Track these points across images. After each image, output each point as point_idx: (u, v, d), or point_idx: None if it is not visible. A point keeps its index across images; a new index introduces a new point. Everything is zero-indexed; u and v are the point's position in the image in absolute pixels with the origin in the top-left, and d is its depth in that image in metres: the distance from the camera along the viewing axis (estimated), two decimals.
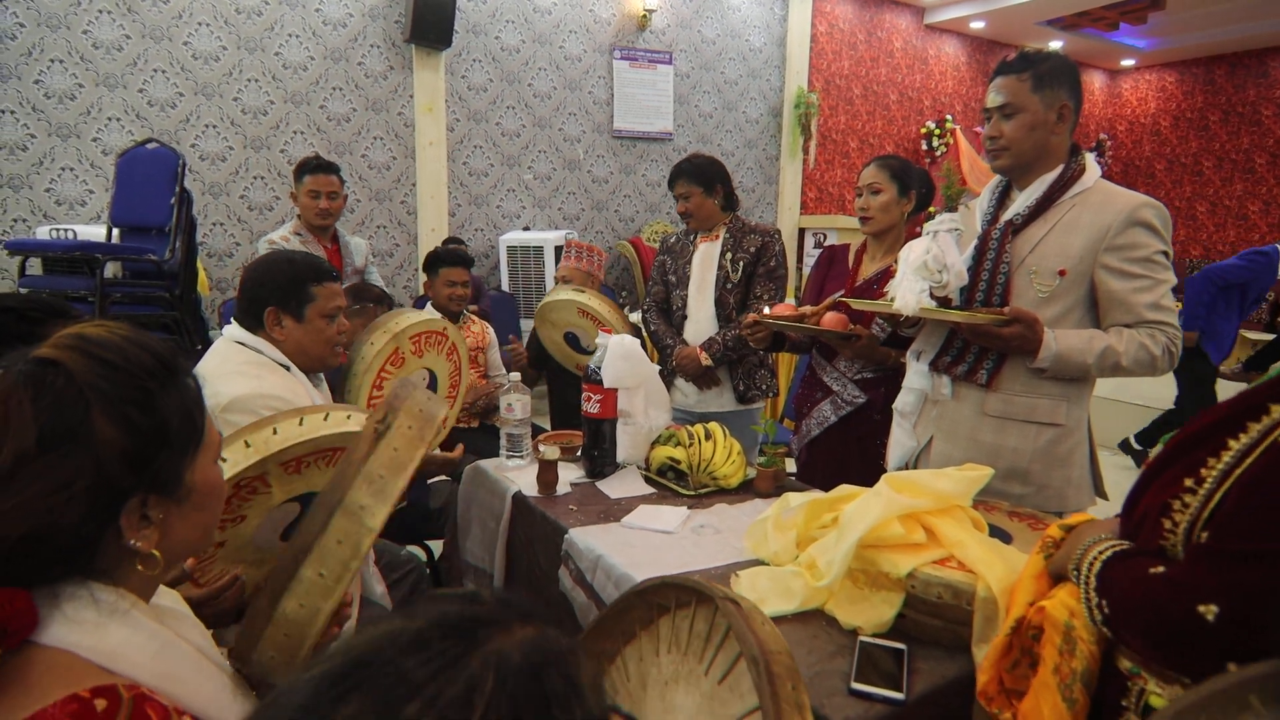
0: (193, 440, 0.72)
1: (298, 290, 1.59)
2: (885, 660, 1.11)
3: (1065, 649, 0.93)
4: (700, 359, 2.44)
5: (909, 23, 7.48)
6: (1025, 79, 1.56)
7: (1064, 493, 1.60)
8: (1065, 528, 1.07)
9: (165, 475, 0.69)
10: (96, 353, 0.67)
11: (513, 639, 0.39)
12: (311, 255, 1.71)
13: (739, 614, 0.83)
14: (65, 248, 3.27)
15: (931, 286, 1.57)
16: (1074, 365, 1.51)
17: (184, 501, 0.72)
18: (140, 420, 0.67)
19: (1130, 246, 1.50)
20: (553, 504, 1.74)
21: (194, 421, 0.72)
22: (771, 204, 6.91)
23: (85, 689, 0.59)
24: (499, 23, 5.34)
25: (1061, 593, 0.98)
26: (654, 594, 0.96)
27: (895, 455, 1.80)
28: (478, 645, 0.38)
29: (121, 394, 0.66)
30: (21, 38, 3.99)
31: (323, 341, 1.64)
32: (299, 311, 1.60)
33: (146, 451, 0.67)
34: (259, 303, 1.58)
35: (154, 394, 0.69)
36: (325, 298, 1.62)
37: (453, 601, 0.42)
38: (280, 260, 1.64)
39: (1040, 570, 1.05)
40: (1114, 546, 0.92)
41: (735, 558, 1.46)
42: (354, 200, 4.98)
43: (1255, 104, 8.51)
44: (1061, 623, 0.95)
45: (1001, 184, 1.71)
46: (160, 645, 0.68)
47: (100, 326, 0.71)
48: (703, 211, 2.48)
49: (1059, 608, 0.96)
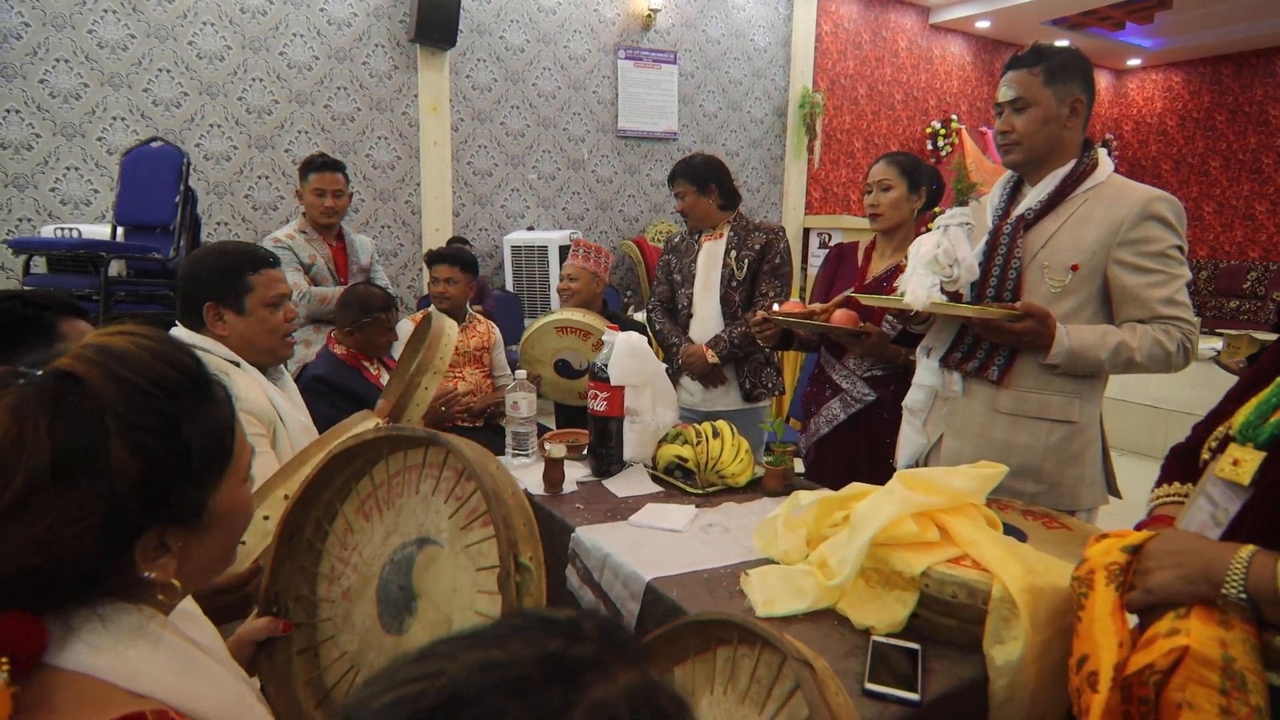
0: (218, 466, 0.67)
1: (234, 281, 1.51)
2: (899, 660, 1.09)
3: (1230, 686, 0.80)
4: (707, 357, 2.43)
5: (914, 22, 7.46)
6: (1037, 73, 1.54)
7: (1076, 491, 1.58)
8: (1128, 549, 0.95)
9: (185, 506, 0.65)
10: (119, 371, 0.61)
11: (616, 687, 0.37)
12: (246, 243, 1.62)
13: (813, 681, 0.79)
14: (70, 246, 3.27)
15: (942, 281, 1.56)
16: (1087, 361, 1.49)
17: (206, 530, 0.67)
18: (160, 449, 0.62)
19: (1144, 241, 1.48)
20: (559, 503, 1.72)
21: (222, 445, 0.67)
22: (776, 204, 6.89)
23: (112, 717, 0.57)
24: (503, 22, 5.33)
25: (1193, 624, 0.85)
26: (715, 628, 0.93)
27: (905, 453, 1.78)
28: (583, 692, 0.36)
29: (143, 420, 0.61)
30: (27, 37, 3.99)
31: (268, 332, 1.55)
32: (238, 304, 1.52)
33: (166, 483, 0.62)
34: (195, 299, 1.51)
35: (178, 419, 0.63)
36: (264, 286, 1.54)
37: (554, 634, 0.39)
38: (212, 252, 1.56)
39: (1114, 605, 0.91)
40: None
41: (745, 556, 1.44)
42: (358, 200, 4.98)
43: (1262, 104, 8.47)
44: (1217, 659, 0.81)
45: (1013, 179, 1.70)
46: (183, 662, 0.65)
47: (126, 337, 0.65)
48: (697, 210, 2.50)
49: (1206, 642, 0.82)
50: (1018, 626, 1.06)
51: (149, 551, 0.63)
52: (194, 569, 0.69)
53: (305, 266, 2.78)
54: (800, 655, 0.82)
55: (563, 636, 0.39)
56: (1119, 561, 0.93)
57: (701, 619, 0.94)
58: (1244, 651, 0.81)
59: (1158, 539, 0.94)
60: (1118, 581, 0.92)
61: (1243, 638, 0.82)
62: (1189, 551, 0.88)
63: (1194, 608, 0.86)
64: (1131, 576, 0.94)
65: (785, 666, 0.86)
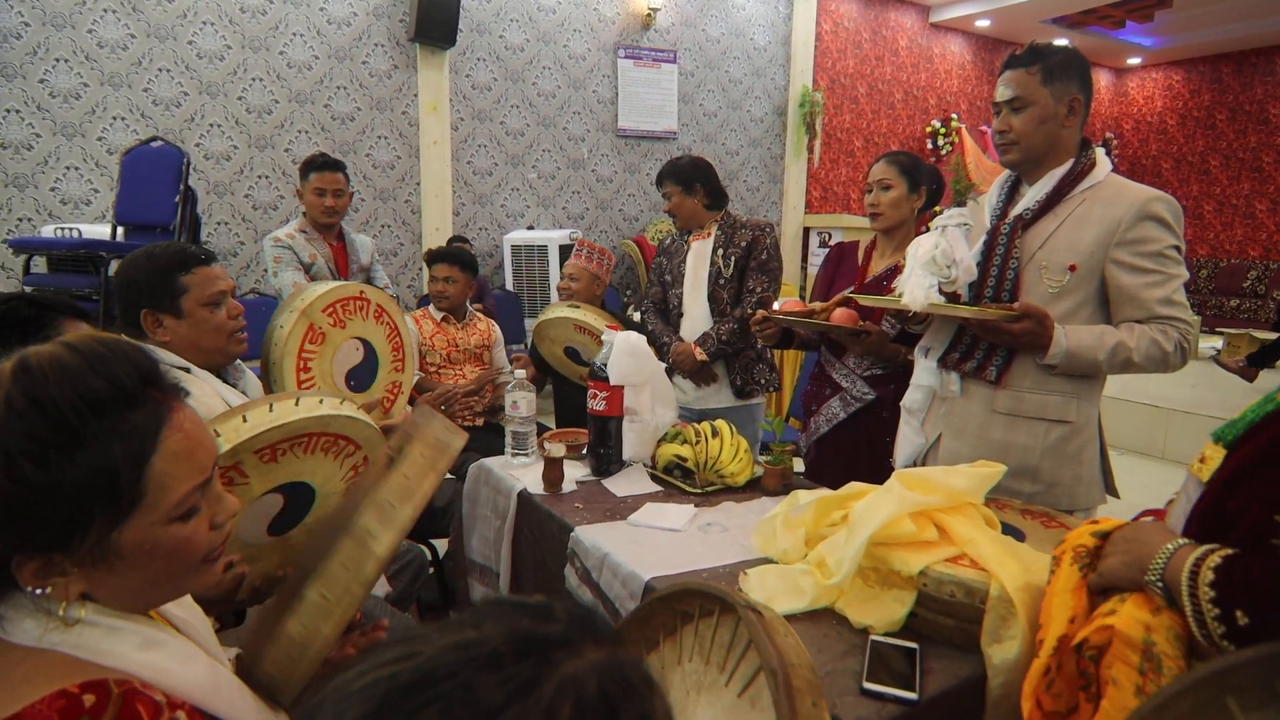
0: (111, 502, 0.62)
1: (166, 284, 1.44)
2: (897, 659, 1.09)
3: (1148, 668, 0.84)
4: (695, 355, 2.45)
5: (914, 21, 7.45)
6: (1035, 72, 1.54)
7: (1074, 490, 1.59)
8: (1098, 534, 1.00)
9: (53, 538, 0.61)
10: (9, 387, 0.59)
11: (586, 663, 0.38)
12: (175, 245, 1.54)
13: (760, 624, 0.81)
14: (70, 246, 3.27)
15: (940, 281, 1.56)
16: (1085, 362, 1.50)
17: (108, 561, 0.63)
18: (30, 474, 0.58)
19: (1141, 241, 1.48)
20: (558, 502, 1.72)
21: (114, 482, 0.62)
22: (776, 203, 6.89)
23: (74, 684, 0.58)
24: (503, 21, 5.33)
25: (1127, 606, 0.89)
26: (678, 600, 0.94)
27: (903, 453, 1.79)
28: (552, 668, 0.37)
29: (12, 441, 0.58)
30: (26, 37, 3.99)
31: (212, 331, 1.48)
32: (174, 307, 1.45)
33: (31, 509, 0.59)
34: (132, 307, 1.45)
35: (50, 446, 0.59)
36: (200, 285, 1.47)
37: (523, 615, 0.41)
38: (140, 257, 1.48)
39: (1076, 583, 0.97)
40: (1218, 550, 0.82)
41: (743, 556, 1.44)
42: (358, 199, 4.98)
43: (1262, 102, 8.46)
44: (1139, 640, 0.86)
45: (1011, 179, 1.70)
46: (144, 639, 0.66)
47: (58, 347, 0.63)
48: (683, 210, 2.53)
49: (1132, 624, 0.87)
50: (1015, 626, 1.07)
51: (29, 572, 0.61)
52: (120, 592, 0.66)
53: (305, 266, 2.79)
54: (748, 603, 0.84)
55: (533, 617, 0.40)
56: (1087, 545, 0.99)
57: (664, 593, 0.95)
58: (1167, 638, 0.84)
59: (1124, 528, 0.98)
60: (1082, 562, 0.98)
61: (1169, 624, 0.85)
62: (1136, 540, 0.93)
63: (1135, 593, 0.90)
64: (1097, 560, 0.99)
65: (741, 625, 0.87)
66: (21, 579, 0.61)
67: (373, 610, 1.57)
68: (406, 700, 0.35)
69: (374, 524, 0.81)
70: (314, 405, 1.21)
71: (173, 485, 0.66)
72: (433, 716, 0.34)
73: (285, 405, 1.19)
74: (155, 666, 0.64)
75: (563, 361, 2.76)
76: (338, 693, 0.37)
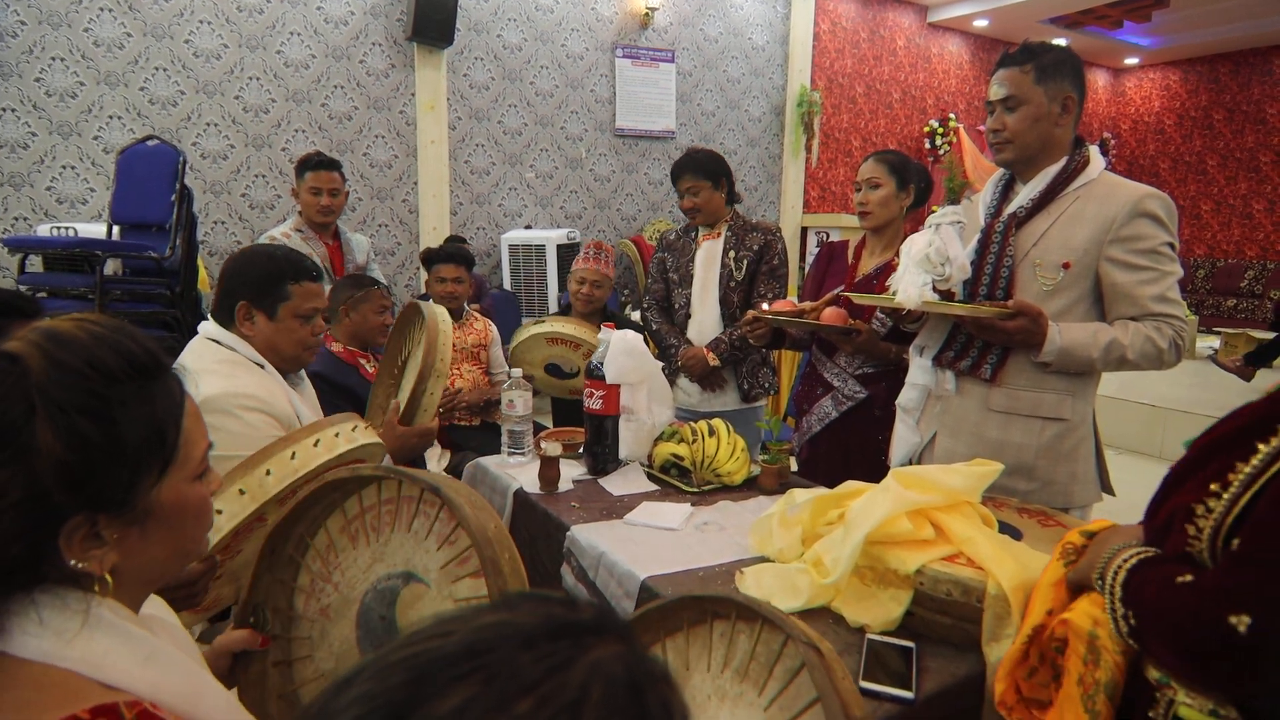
0: (158, 458, 0.65)
1: (273, 287, 1.53)
2: (894, 658, 1.09)
3: (1090, 659, 0.90)
4: (708, 360, 2.42)
5: (912, 21, 7.46)
6: (1028, 71, 1.54)
7: (1069, 488, 1.59)
8: (1087, 534, 1.04)
9: (116, 494, 0.63)
10: (56, 353, 0.61)
11: (613, 651, 0.40)
12: (295, 252, 1.63)
13: (820, 664, 0.79)
14: (65, 245, 3.26)
15: (934, 280, 1.56)
16: (1079, 359, 1.50)
17: (144, 523, 0.66)
18: (90, 432, 0.60)
19: (1135, 238, 1.48)
20: (555, 501, 1.72)
21: (163, 437, 0.66)
22: (774, 203, 6.89)
23: (84, 709, 0.56)
24: (501, 20, 5.32)
25: (1084, 602, 0.95)
26: (711, 604, 0.94)
27: (899, 451, 1.79)
28: (584, 651, 0.38)
29: (73, 401, 0.60)
30: (23, 36, 3.98)
31: (295, 342, 1.57)
32: (272, 309, 1.53)
33: (92, 468, 0.60)
34: (232, 296, 1.52)
35: (112, 404, 0.62)
36: (301, 298, 1.55)
37: (554, 604, 0.42)
38: (260, 254, 1.57)
39: (1059, 578, 1.02)
40: (1139, 554, 0.88)
41: (740, 554, 1.44)
42: (355, 198, 4.97)
43: (1260, 102, 8.48)
44: (1085, 632, 0.91)
45: (1005, 177, 1.70)
46: (147, 652, 0.64)
47: (78, 322, 0.65)
48: (711, 205, 2.46)
49: (1082, 617, 0.93)
50: (1012, 624, 1.06)
51: (78, 540, 0.62)
52: (142, 564, 0.67)
53: None
54: (807, 638, 0.83)
55: (563, 606, 0.42)
56: (1074, 543, 1.04)
57: (699, 595, 0.94)
58: (1109, 632, 0.89)
59: (1108, 529, 1.02)
60: (1068, 559, 1.03)
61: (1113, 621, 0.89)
62: (1103, 542, 0.98)
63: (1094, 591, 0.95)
64: None
65: (787, 647, 0.86)
66: (69, 550, 0.61)
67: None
68: (450, 669, 0.36)
69: None
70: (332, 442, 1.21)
71: (196, 442, 0.71)
72: (474, 685, 0.36)
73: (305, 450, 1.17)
74: (157, 684, 0.63)
75: (547, 381, 2.75)
76: (376, 664, 0.38)
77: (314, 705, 0.38)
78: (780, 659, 0.88)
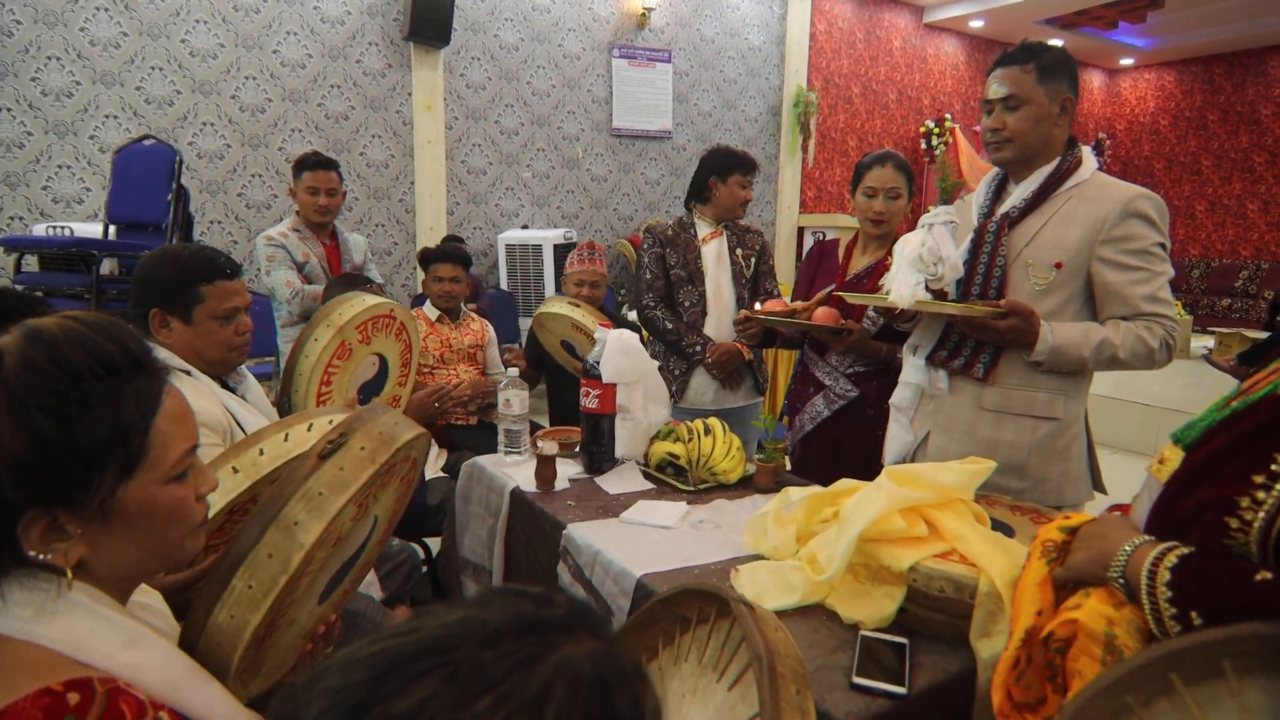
0: (118, 458, 0.65)
1: (184, 290, 1.44)
2: (887, 655, 1.10)
3: (1110, 660, 0.86)
4: (745, 352, 2.46)
5: (908, 21, 7.47)
6: (1030, 70, 1.54)
7: (1061, 487, 1.60)
8: (1066, 530, 1.02)
9: (70, 492, 0.63)
10: (29, 350, 0.62)
11: (582, 649, 0.39)
12: (206, 251, 1.51)
13: (750, 616, 0.82)
14: (61, 244, 3.26)
15: (927, 279, 1.56)
16: (1070, 358, 1.51)
17: (108, 521, 0.66)
18: (48, 429, 0.61)
19: (1127, 238, 1.49)
20: (551, 500, 1.72)
21: (127, 437, 0.66)
22: (770, 203, 6.90)
23: (58, 682, 0.58)
24: (498, 20, 5.33)
25: (1091, 600, 0.91)
26: (676, 603, 0.95)
27: (892, 450, 1.79)
28: (551, 649, 0.38)
29: (34, 398, 0.61)
30: (18, 35, 3.98)
31: (217, 344, 1.49)
32: (186, 313, 1.45)
33: (46, 465, 0.61)
34: (143, 304, 1.45)
35: (73, 402, 0.62)
36: (217, 298, 1.46)
37: (526, 600, 0.42)
38: (167, 257, 1.48)
39: (1043, 577, 0.99)
40: (1175, 549, 0.83)
41: (735, 553, 1.45)
42: (352, 198, 4.97)
43: (1254, 103, 8.51)
44: (1101, 633, 0.87)
45: (998, 177, 1.70)
46: (129, 636, 0.66)
47: (63, 319, 0.66)
48: None
49: (1094, 618, 0.88)
50: (1004, 621, 1.07)
51: (36, 532, 0.63)
52: (114, 561, 0.68)
53: (298, 265, 2.78)
54: (741, 599, 0.85)
55: (534, 602, 0.42)
56: (1055, 540, 1.01)
57: (664, 595, 0.96)
58: (1128, 631, 0.86)
59: (1091, 523, 1.00)
60: (1050, 557, 1.00)
61: (1130, 618, 0.86)
62: (1101, 536, 0.94)
63: (1099, 587, 0.92)
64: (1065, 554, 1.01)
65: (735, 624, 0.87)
66: (28, 542, 0.62)
67: (365, 610, 1.56)
68: (411, 666, 0.37)
69: (301, 514, 0.82)
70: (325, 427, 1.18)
71: (172, 445, 0.70)
72: (435, 681, 0.36)
73: (299, 433, 1.16)
74: (138, 666, 0.64)
75: (558, 350, 2.79)
76: (345, 659, 0.38)
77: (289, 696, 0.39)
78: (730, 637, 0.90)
